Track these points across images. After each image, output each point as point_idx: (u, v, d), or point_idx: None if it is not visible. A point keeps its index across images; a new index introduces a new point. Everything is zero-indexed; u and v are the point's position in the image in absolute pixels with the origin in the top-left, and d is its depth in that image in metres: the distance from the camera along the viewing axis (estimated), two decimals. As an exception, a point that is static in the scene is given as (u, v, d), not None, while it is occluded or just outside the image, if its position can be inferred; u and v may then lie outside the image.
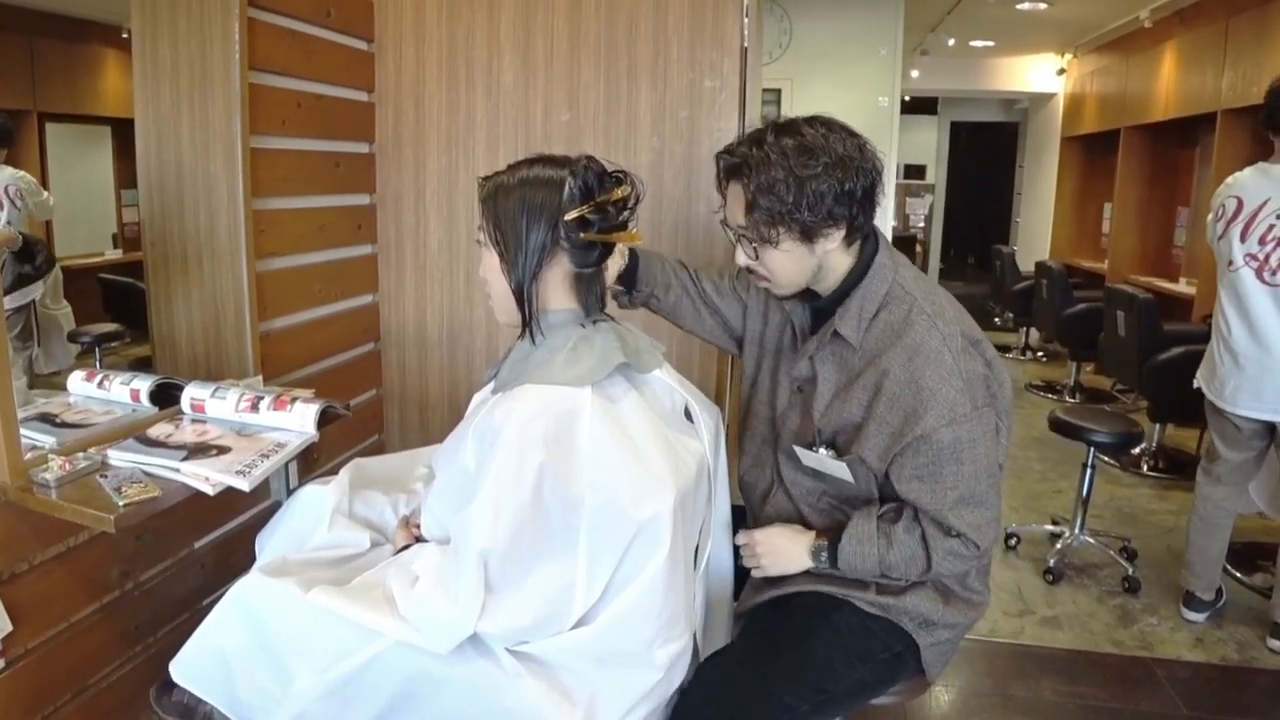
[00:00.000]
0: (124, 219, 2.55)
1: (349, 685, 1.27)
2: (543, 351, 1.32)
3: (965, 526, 1.39)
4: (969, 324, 1.46)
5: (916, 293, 1.44)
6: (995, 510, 1.44)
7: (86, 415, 1.68)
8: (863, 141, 1.41)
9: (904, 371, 1.38)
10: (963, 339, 1.41)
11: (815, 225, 1.38)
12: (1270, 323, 2.49)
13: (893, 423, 1.39)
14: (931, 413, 1.35)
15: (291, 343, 2.19)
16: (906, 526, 1.43)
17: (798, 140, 1.36)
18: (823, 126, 1.39)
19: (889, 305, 1.44)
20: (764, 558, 1.51)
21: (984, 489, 1.40)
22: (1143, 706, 2.39)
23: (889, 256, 1.48)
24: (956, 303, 1.49)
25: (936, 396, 1.35)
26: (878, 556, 1.43)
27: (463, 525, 1.21)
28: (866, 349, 1.44)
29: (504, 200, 1.31)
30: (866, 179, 1.39)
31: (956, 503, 1.39)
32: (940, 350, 1.37)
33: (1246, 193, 2.53)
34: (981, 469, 1.39)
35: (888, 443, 1.40)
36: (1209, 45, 4.97)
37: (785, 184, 1.35)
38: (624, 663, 1.28)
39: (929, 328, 1.39)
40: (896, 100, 5.50)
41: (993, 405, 1.42)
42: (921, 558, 1.42)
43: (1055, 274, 5.68)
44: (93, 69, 2.48)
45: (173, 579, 1.85)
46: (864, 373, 1.43)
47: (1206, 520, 2.77)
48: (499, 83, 2.43)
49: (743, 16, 2.29)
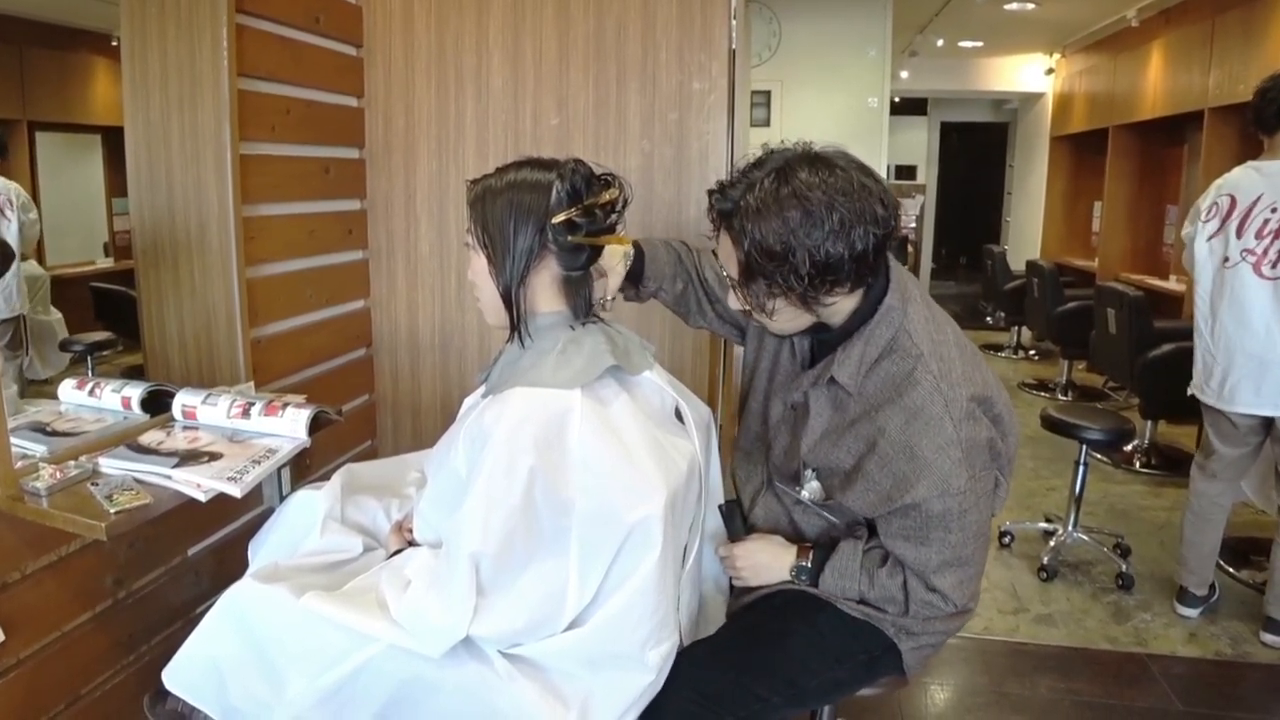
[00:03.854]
0: (115, 227, 2.53)
1: (342, 690, 1.27)
2: (532, 354, 1.32)
3: (947, 587, 1.36)
4: (980, 378, 1.36)
5: (924, 344, 1.32)
6: (979, 567, 1.40)
7: (78, 423, 1.67)
8: (873, 184, 1.27)
9: (900, 434, 1.29)
10: (969, 402, 1.31)
11: (817, 294, 1.29)
12: (1268, 317, 2.50)
13: (883, 485, 1.33)
14: (924, 483, 1.28)
15: (283, 349, 2.19)
16: (890, 571, 1.40)
17: (798, 197, 1.23)
18: (826, 171, 1.25)
19: (893, 354, 1.33)
20: (744, 570, 1.50)
21: (970, 551, 1.36)
22: (1137, 702, 2.40)
23: (899, 296, 1.35)
24: (969, 348, 1.40)
25: (931, 467, 1.28)
26: (858, 592, 1.41)
27: (454, 529, 1.22)
28: (865, 395, 1.35)
29: (492, 203, 1.32)
30: (880, 230, 1.26)
31: (941, 566, 1.35)
32: (941, 418, 1.28)
33: (1239, 190, 2.55)
34: (970, 535, 1.34)
35: (875, 501, 1.35)
36: (1195, 44, 5.00)
37: (783, 253, 1.24)
38: (617, 664, 1.28)
39: (932, 390, 1.29)
40: (886, 101, 5.51)
41: (995, 465, 1.37)
42: (900, 601, 1.40)
43: (1046, 273, 5.70)
44: (83, 77, 2.47)
45: (166, 587, 1.85)
46: (859, 422, 1.35)
47: (1201, 515, 2.78)
48: (488, 87, 2.43)
49: (730, 19, 2.30)
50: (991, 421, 1.36)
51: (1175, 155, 5.89)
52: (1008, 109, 9.34)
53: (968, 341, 1.41)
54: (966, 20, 6.20)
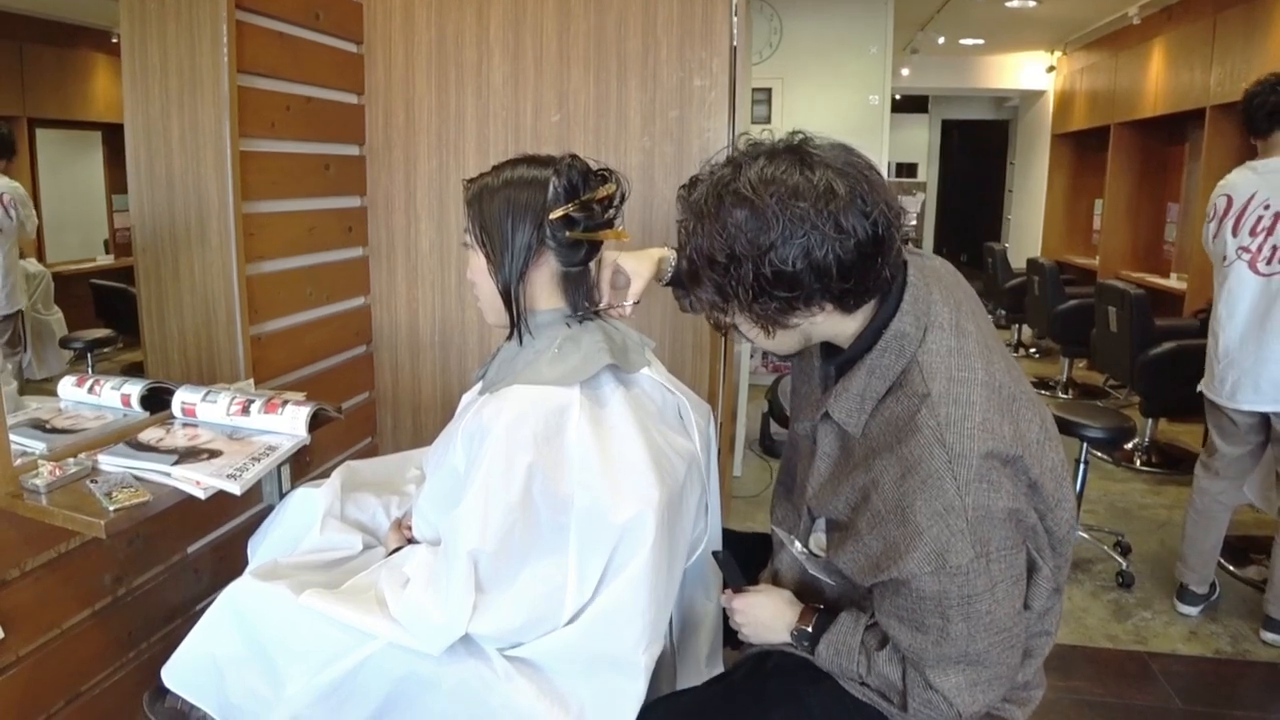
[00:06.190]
0: (115, 224, 2.54)
1: (341, 688, 1.27)
2: (529, 352, 1.32)
3: (949, 689, 1.10)
4: (1010, 432, 1.07)
5: (936, 383, 1.08)
6: (1000, 671, 1.11)
7: (77, 420, 1.67)
8: (851, 188, 1.02)
9: (893, 491, 1.07)
10: (983, 460, 1.04)
11: (771, 315, 1.08)
12: (1264, 313, 2.51)
13: (873, 549, 1.10)
14: (914, 554, 1.04)
15: (283, 346, 2.19)
16: (889, 656, 1.17)
17: (742, 196, 1.03)
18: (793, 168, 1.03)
19: (899, 391, 1.10)
20: (745, 627, 1.34)
21: (983, 649, 1.08)
22: (1137, 700, 2.40)
23: (914, 321, 1.10)
24: (1010, 393, 1.11)
25: (923, 536, 1.04)
26: (856, 674, 1.20)
27: (452, 526, 1.21)
28: (870, 437, 1.13)
29: (489, 201, 1.31)
30: (845, 241, 1.02)
31: (940, 661, 1.10)
32: (940, 476, 1.03)
33: (1235, 190, 2.59)
34: (980, 628, 1.07)
35: (865, 567, 1.12)
36: (1197, 41, 5.00)
37: (725, 261, 1.05)
38: (612, 668, 1.27)
39: (933, 441, 1.04)
40: (887, 99, 5.50)
41: (1029, 542, 1.11)
42: (898, 693, 1.17)
43: (1047, 271, 5.70)
44: (83, 74, 2.47)
45: (165, 584, 1.85)
46: (857, 470, 1.14)
47: (1202, 513, 2.79)
48: (488, 84, 2.43)
49: (731, 15, 2.29)
50: (1026, 489, 1.09)
51: (1176, 153, 5.88)
52: (1009, 106, 9.34)
53: (1016, 386, 1.13)
54: (968, 18, 6.19)
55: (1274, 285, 2.49)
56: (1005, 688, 1.13)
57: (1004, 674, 1.11)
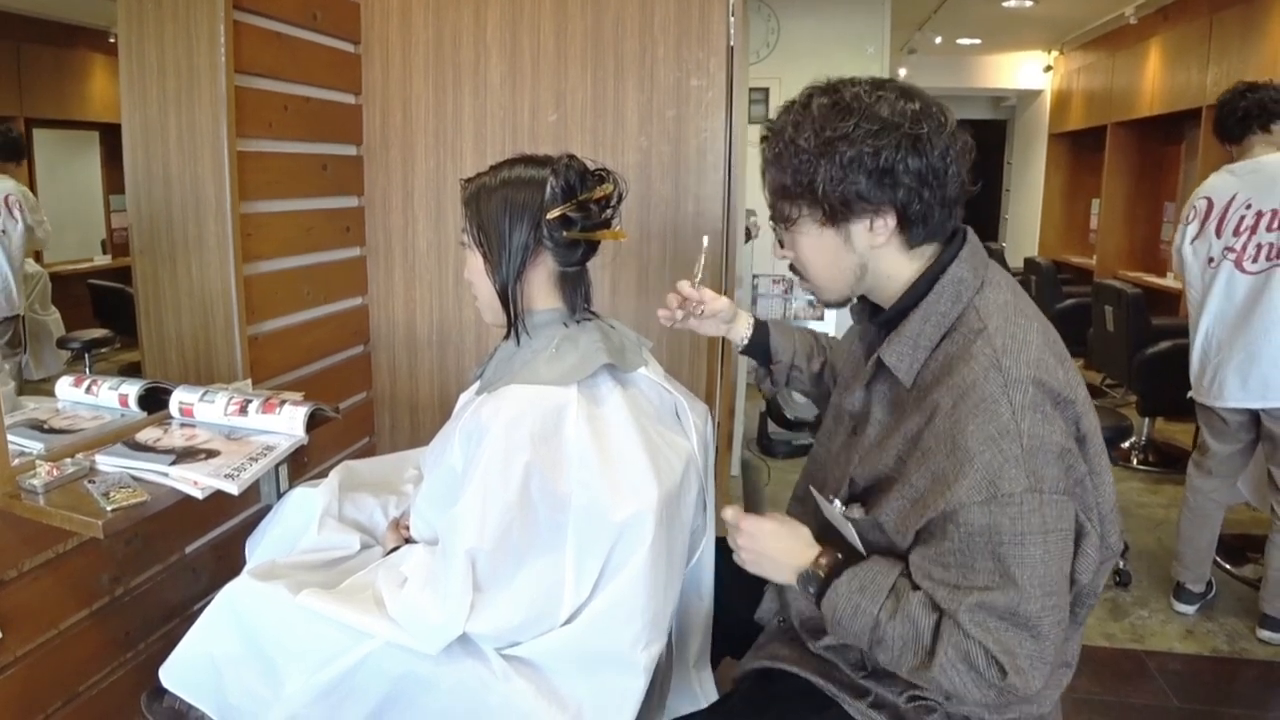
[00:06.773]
0: (113, 224, 2.54)
1: (339, 687, 1.27)
2: (527, 351, 1.32)
3: (994, 644, 1.00)
4: (1064, 375, 1.06)
5: (993, 320, 1.08)
6: (1049, 644, 1.01)
7: (75, 421, 1.67)
8: (928, 109, 1.09)
9: (946, 420, 1.03)
10: (1038, 390, 1.02)
11: (841, 206, 1.10)
12: (1251, 311, 2.54)
13: (918, 487, 1.05)
14: (965, 481, 0.99)
15: (280, 346, 2.19)
16: (923, 601, 1.07)
17: (834, 98, 1.09)
18: (875, 86, 1.10)
19: (955, 333, 1.10)
20: (745, 551, 1.22)
21: (1035, 611, 1.00)
22: (1134, 699, 2.40)
23: (972, 270, 1.13)
24: (1062, 350, 1.11)
25: (974, 462, 0.99)
26: (873, 618, 1.08)
27: (450, 525, 1.22)
28: (922, 387, 1.10)
29: (486, 201, 1.32)
30: (920, 157, 1.07)
31: (978, 608, 1.01)
32: (996, 400, 1.00)
33: (1215, 192, 2.64)
34: (1034, 579, 0.99)
35: (906, 512, 1.07)
36: (1194, 41, 5.01)
37: (805, 147, 1.09)
38: (610, 666, 1.27)
39: (989, 365, 1.03)
40: (885, 98, 5.50)
41: (1074, 498, 1.04)
42: (924, 649, 1.05)
43: (1044, 270, 5.71)
44: (80, 74, 2.47)
45: (163, 584, 1.85)
46: (908, 417, 1.10)
47: (1196, 512, 2.80)
48: (486, 83, 2.43)
49: (728, 15, 2.29)
50: (1076, 440, 1.06)
51: (1173, 153, 5.90)
52: (1006, 106, 9.34)
53: (1064, 348, 1.14)
54: (965, 17, 6.20)
55: (1259, 283, 2.52)
56: (1047, 671, 1.03)
57: (1050, 651, 1.02)
